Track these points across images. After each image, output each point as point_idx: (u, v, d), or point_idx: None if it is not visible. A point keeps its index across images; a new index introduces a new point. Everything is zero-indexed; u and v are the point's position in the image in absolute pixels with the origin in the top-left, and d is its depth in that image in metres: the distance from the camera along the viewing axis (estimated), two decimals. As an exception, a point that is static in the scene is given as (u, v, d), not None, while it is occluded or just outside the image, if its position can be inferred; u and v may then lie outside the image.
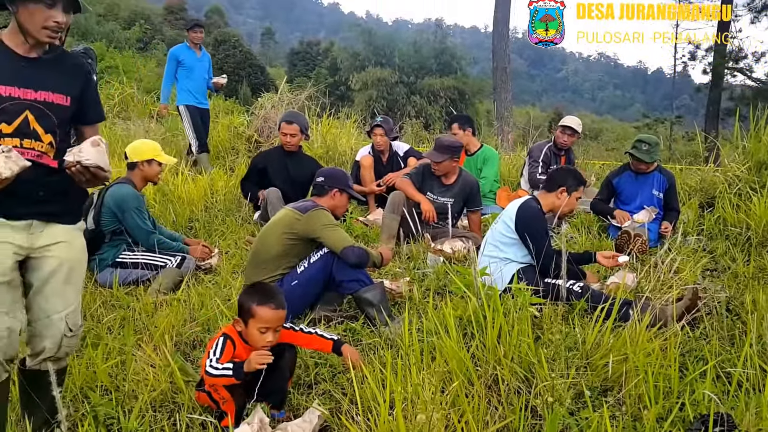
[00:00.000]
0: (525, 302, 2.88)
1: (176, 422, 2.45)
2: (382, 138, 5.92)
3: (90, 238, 3.99)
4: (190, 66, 7.32)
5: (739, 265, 3.97)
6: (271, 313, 2.46)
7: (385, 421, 2.02)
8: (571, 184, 3.73)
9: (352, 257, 3.38)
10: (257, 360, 2.39)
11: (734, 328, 3.02)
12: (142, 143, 4.33)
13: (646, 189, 4.87)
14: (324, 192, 3.68)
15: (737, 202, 4.84)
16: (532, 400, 2.30)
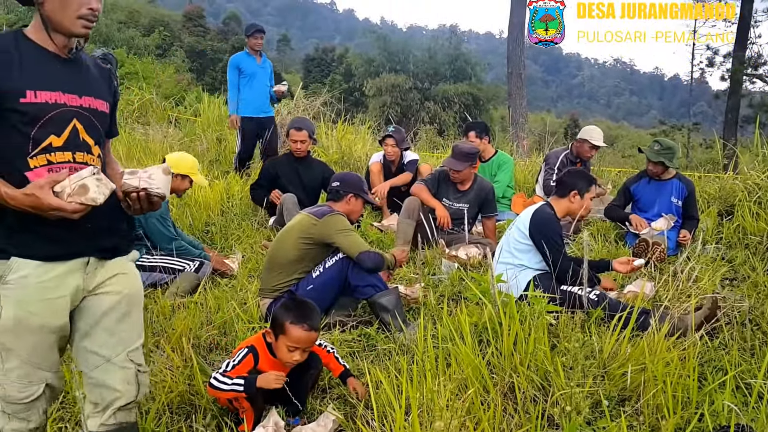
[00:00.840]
0: (541, 310, 2.86)
1: (193, 424, 2.46)
2: (393, 149, 5.95)
3: None
4: (251, 74, 7.04)
5: (759, 275, 3.92)
6: (304, 334, 2.46)
7: (401, 427, 2.02)
8: (582, 186, 3.72)
9: (368, 262, 3.39)
10: (272, 380, 2.39)
11: (755, 339, 2.98)
12: (185, 157, 4.36)
13: (664, 196, 4.82)
14: (339, 197, 3.70)
15: (757, 210, 4.78)
16: (549, 409, 2.28)
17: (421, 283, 4.01)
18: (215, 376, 2.37)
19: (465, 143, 5.19)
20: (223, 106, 10.29)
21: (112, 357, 1.90)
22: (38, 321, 1.76)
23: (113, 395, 1.92)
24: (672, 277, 3.60)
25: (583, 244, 3.26)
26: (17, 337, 1.75)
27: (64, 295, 1.80)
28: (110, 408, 1.92)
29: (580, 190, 3.71)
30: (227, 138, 8.65)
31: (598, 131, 6.15)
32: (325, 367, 2.77)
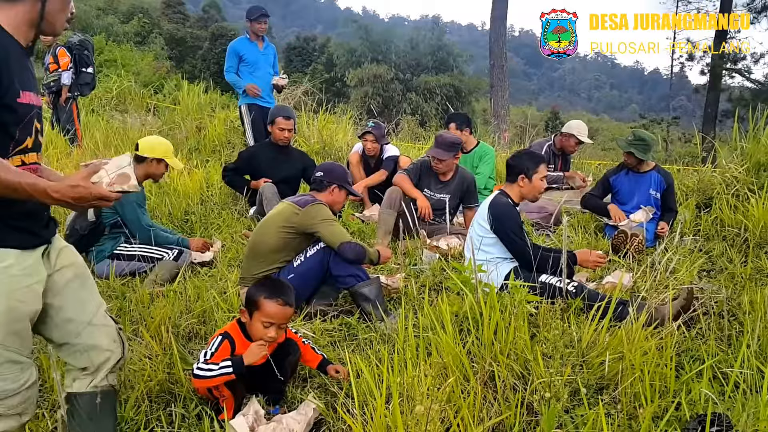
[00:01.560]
0: (521, 299, 2.89)
1: (172, 413, 2.45)
2: (373, 144, 5.95)
3: (90, 230, 4.00)
4: (253, 61, 6.68)
5: (736, 266, 3.99)
6: (278, 308, 2.46)
7: (382, 415, 2.03)
8: (528, 167, 3.64)
9: (350, 253, 3.39)
10: (257, 351, 2.39)
11: (731, 329, 3.03)
12: (158, 141, 4.29)
13: (643, 188, 4.88)
14: (323, 187, 3.68)
15: (735, 203, 4.86)
16: (528, 396, 2.30)
17: (403, 273, 4.03)
18: (198, 366, 2.35)
19: (448, 133, 5.20)
20: (202, 95, 10.19)
21: (92, 318, 2.02)
22: (26, 308, 1.81)
23: (104, 356, 2.04)
24: (650, 269, 3.65)
25: (563, 236, 3.28)
26: (8, 327, 1.77)
27: (41, 280, 1.86)
28: (102, 370, 2.04)
29: (526, 172, 3.64)
30: (207, 126, 8.56)
31: (584, 126, 6.23)
32: (302, 362, 2.76)
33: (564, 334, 2.68)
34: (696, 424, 2.12)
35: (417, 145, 9.89)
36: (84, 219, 4.00)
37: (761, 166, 5.21)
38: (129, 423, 2.40)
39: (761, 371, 2.38)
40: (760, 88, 16.79)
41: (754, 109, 5.77)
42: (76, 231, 4.01)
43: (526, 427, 2.22)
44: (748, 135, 5.56)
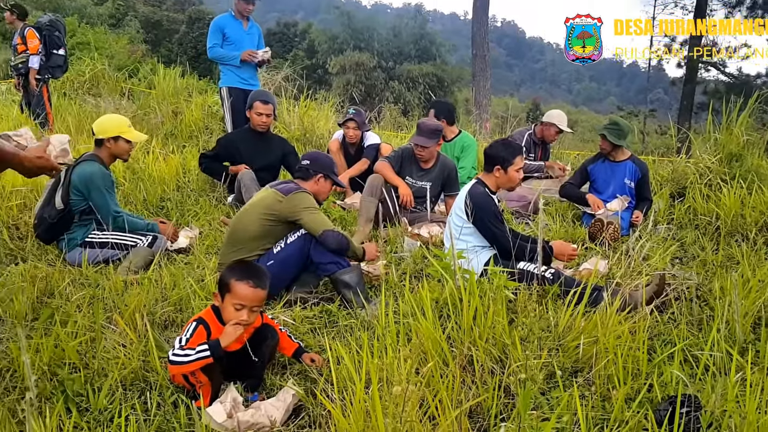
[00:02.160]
0: (500, 285, 2.92)
1: (147, 401, 2.44)
2: (355, 132, 5.93)
3: (59, 218, 3.93)
4: (236, 40, 6.41)
5: (708, 254, 4.07)
6: (249, 290, 2.44)
7: (360, 399, 2.04)
8: (505, 158, 3.65)
9: (332, 242, 3.38)
10: (232, 332, 2.37)
11: (702, 314, 3.11)
12: (108, 119, 4.16)
13: (618, 178, 4.95)
14: (309, 176, 3.66)
15: (707, 192, 4.95)
16: (505, 379, 2.34)
17: (383, 260, 4.04)
18: (174, 352, 2.32)
19: (430, 120, 5.19)
20: (179, 79, 10.03)
21: None
22: None
23: None
24: (624, 256, 3.71)
25: (540, 224, 3.32)
26: None
27: None
28: None
29: (502, 163, 3.65)
30: (183, 111, 8.46)
31: (564, 116, 6.28)
32: (278, 349, 2.76)
33: (541, 318, 2.72)
34: (667, 405, 2.17)
35: (399, 134, 9.89)
36: (52, 207, 3.91)
37: (733, 157, 5.31)
38: (103, 412, 2.38)
39: (730, 354, 2.44)
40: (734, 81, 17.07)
41: (727, 101, 5.87)
42: (44, 219, 3.93)
43: (503, 409, 2.25)
44: (721, 126, 5.65)
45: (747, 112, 5.42)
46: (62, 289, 3.38)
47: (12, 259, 3.99)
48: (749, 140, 5.31)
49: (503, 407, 2.28)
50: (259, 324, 2.63)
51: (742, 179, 4.86)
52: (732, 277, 2.99)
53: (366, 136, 6.11)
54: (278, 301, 3.42)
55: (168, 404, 2.43)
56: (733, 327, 2.75)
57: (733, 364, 2.18)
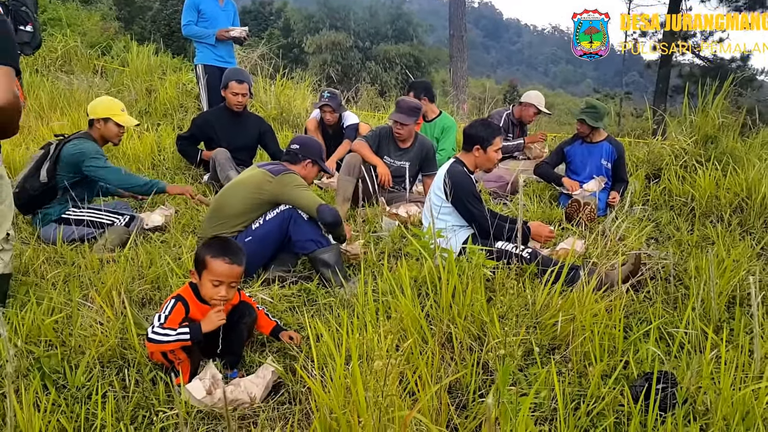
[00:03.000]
0: (478, 263, 2.95)
1: (125, 378, 2.42)
2: (332, 115, 5.89)
3: (41, 191, 3.86)
4: (211, 16, 6.26)
5: (683, 234, 4.15)
6: (225, 266, 2.43)
7: (341, 375, 2.05)
8: (485, 137, 3.67)
9: (329, 216, 3.37)
10: (215, 319, 2.38)
11: (677, 293, 3.17)
12: (100, 101, 4.15)
13: (595, 158, 5.00)
14: (297, 160, 3.65)
15: (683, 174, 5.03)
16: (483, 356, 2.37)
17: (362, 239, 4.04)
18: (154, 330, 2.31)
19: (409, 98, 5.17)
20: (152, 57, 9.83)
21: None
22: None
23: None
24: (601, 236, 3.77)
25: (519, 205, 3.34)
26: None
27: None
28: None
29: (482, 143, 3.67)
30: (157, 89, 8.31)
31: (542, 97, 6.31)
32: (256, 327, 2.76)
33: (519, 297, 2.75)
34: (643, 381, 2.22)
35: (377, 114, 9.84)
36: (36, 179, 3.86)
37: (709, 139, 5.40)
38: (81, 389, 2.36)
39: (705, 333, 2.50)
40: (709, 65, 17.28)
41: (703, 85, 5.95)
42: (26, 190, 3.87)
43: (481, 385, 2.28)
44: (697, 109, 5.73)
45: (722, 94, 5.50)
46: (37, 266, 3.32)
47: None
48: (724, 122, 5.40)
49: (482, 383, 2.31)
50: (236, 301, 2.63)
51: (717, 161, 4.95)
52: (707, 257, 3.05)
53: (344, 116, 6.07)
54: (256, 280, 3.40)
55: (147, 381, 2.41)
56: (708, 306, 2.81)
57: (708, 342, 2.24)
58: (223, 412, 2.31)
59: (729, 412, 2.04)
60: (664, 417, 2.00)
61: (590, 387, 2.20)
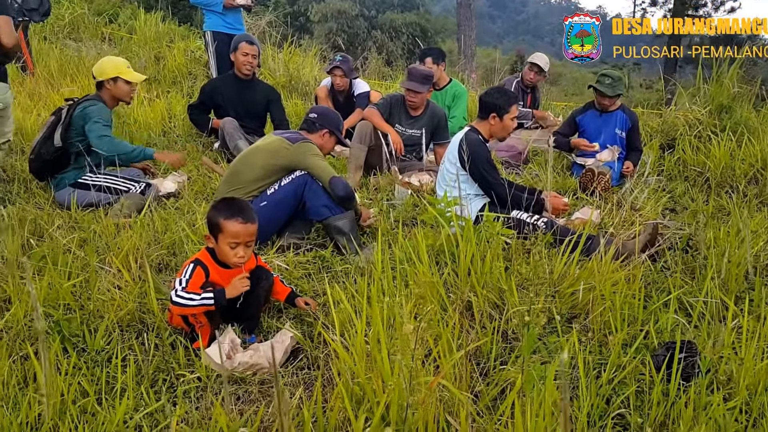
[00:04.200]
0: (496, 232, 2.90)
1: (144, 342, 2.40)
2: (342, 79, 5.76)
3: (55, 156, 3.82)
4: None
5: (698, 205, 4.07)
6: (240, 226, 2.41)
7: (362, 342, 2.02)
8: (501, 105, 3.59)
9: (341, 189, 3.32)
10: (239, 285, 2.36)
11: (694, 263, 3.12)
12: (106, 60, 4.06)
13: (609, 128, 4.90)
14: (314, 129, 3.59)
15: (697, 144, 4.94)
16: (503, 325, 2.33)
17: (375, 208, 3.99)
18: (178, 294, 2.29)
19: (421, 66, 5.06)
20: (160, 24, 9.67)
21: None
22: None
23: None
24: (616, 206, 3.71)
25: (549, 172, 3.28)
26: None
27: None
28: None
29: (498, 111, 3.60)
30: (166, 56, 8.18)
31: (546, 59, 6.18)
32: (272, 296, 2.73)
33: (537, 266, 2.71)
34: (664, 350, 2.19)
35: (384, 84, 9.69)
36: (50, 144, 3.82)
37: (723, 109, 5.29)
38: (100, 352, 2.35)
39: (724, 303, 2.46)
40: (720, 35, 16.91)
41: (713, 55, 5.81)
42: (41, 155, 3.84)
43: (501, 353, 2.25)
44: (711, 78, 5.61)
45: (737, 64, 5.36)
46: (52, 231, 3.29)
47: (0, 201, 3.87)
48: (739, 92, 5.28)
49: (501, 351, 2.29)
50: (253, 266, 2.61)
51: (732, 132, 4.85)
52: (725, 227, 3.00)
53: (355, 83, 5.96)
54: (271, 247, 3.37)
55: (166, 345, 2.40)
56: (726, 276, 2.77)
57: (729, 311, 2.20)
58: (243, 376, 2.31)
59: (752, 381, 2.01)
60: (686, 386, 1.97)
61: (611, 356, 2.17)
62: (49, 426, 1.94)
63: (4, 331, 2.44)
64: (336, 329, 2.12)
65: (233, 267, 2.45)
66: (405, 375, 1.41)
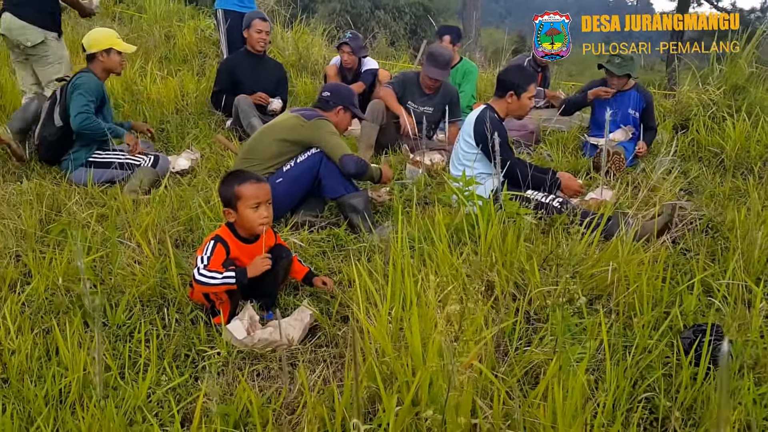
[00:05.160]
0: (513, 211, 2.83)
1: (165, 317, 2.36)
2: (350, 56, 5.64)
3: (58, 136, 3.75)
4: None
5: (716, 186, 3.98)
6: (255, 186, 2.39)
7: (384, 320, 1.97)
8: (518, 84, 3.50)
9: (352, 166, 3.26)
10: (260, 264, 2.32)
11: (715, 245, 3.04)
12: (97, 32, 3.97)
13: (623, 107, 4.79)
14: (329, 107, 3.50)
15: (711, 125, 4.84)
16: (525, 306, 2.27)
17: (388, 186, 3.92)
18: (200, 272, 2.25)
19: (441, 49, 4.93)
20: (171, 2, 9.51)
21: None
22: None
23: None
24: (631, 187, 3.62)
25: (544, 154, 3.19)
26: None
27: None
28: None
29: (516, 89, 3.51)
30: (176, 35, 8.04)
31: None
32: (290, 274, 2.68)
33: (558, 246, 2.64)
34: (690, 333, 2.13)
35: (388, 63, 9.53)
36: (51, 125, 3.75)
37: (737, 89, 5.17)
38: (122, 327, 2.30)
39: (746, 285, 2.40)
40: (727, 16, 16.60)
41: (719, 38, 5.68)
42: (45, 138, 3.78)
43: (524, 334, 2.20)
44: (726, 58, 5.48)
45: (753, 43, 5.23)
46: (69, 207, 3.23)
47: (17, 178, 3.81)
48: (753, 73, 5.15)
49: (524, 333, 2.23)
50: (272, 244, 2.55)
51: (747, 113, 4.74)
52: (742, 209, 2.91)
53: (364, 61, 5.85)
54: (285, 225, 3.31)
55: (187, 320, 2.35)
56: (748, 258, 2.69)
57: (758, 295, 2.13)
58: (263, 352, 2.26)
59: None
60: (715, 370, 1.91)
61: (636, 338, 2.11)
62: (73, 399, 1.90)
63: (26, 305, 2.40)
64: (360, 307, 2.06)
65: (258, 233, 2.42)
66: (447, 355, 1.36)
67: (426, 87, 4.67)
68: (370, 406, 1.81)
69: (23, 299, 2.39)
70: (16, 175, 3.85)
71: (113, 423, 1.70)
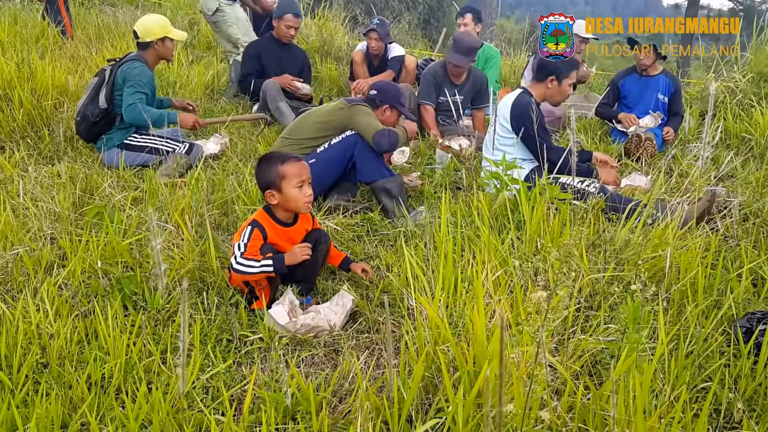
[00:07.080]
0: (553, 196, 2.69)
1: (204, 301, 2.24)
2: (377, 42, 5.46)
3: (101, 117, 3.63)
4: None
5: (752, 172, 3.79)
6: (299, 165, 2.29)
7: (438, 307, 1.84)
8: (562, 70, 3.37)
9: (384, 142, 3.13)
10: (299, 253, 2.22)
11: (758, 234, 2.87)
12: (152, 20, 3.83)
13: (652, 92, 4.59)
14: (375, 106, 3.39)
15: (738, 112, 4.64)
16: (575, 293, 2.13)
17: (418, 171, 3.78)
18: (238, 261, 2.15)
19: (465, 35, 4.74)
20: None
21: None
22: None
23: None
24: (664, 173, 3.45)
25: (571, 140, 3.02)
26: None
27: None
28: None
29: (558, 75, 3.37)
30: (199, 22, 7.89)
31: (582, 23, 5.83)
32: None
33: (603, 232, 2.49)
34: (745, 321, 1.99)
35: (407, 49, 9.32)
36: (96, 105, 3.62)
37: (763, 77, 4.96)
38: (161, 311, 2.19)
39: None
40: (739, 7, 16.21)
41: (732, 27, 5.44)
42: (87, 117, 3.64)
43: (573, 322, 2.06)
44: (751, 46, 5.26)
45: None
46: (102, 190, 3.11)
47: (47, 160, 3.70)
48: (781, 61, 4.94)
49: (573, 320, 2.09)
50: (310, 228, 2.44)
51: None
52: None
53: (390, 48, 5.67)
54: (318, 209, 3.18)
55: (227, 305, 2.24)
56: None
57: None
58: (305, 338, 2.15)
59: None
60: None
61: (690, 327, 1.97)
62: (116, 384, 1.80)
63: (62, 288, 2.30)
64: (411, 293, 1.93)
65: (304, 212, 2.35)
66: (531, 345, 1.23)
67: (453, 75, 4.51)
68: (424, 395, 1.69)
69: (59, 281, 2.29)
70: (47, 158, 3.74)
71: (161, 411, 1.59)
